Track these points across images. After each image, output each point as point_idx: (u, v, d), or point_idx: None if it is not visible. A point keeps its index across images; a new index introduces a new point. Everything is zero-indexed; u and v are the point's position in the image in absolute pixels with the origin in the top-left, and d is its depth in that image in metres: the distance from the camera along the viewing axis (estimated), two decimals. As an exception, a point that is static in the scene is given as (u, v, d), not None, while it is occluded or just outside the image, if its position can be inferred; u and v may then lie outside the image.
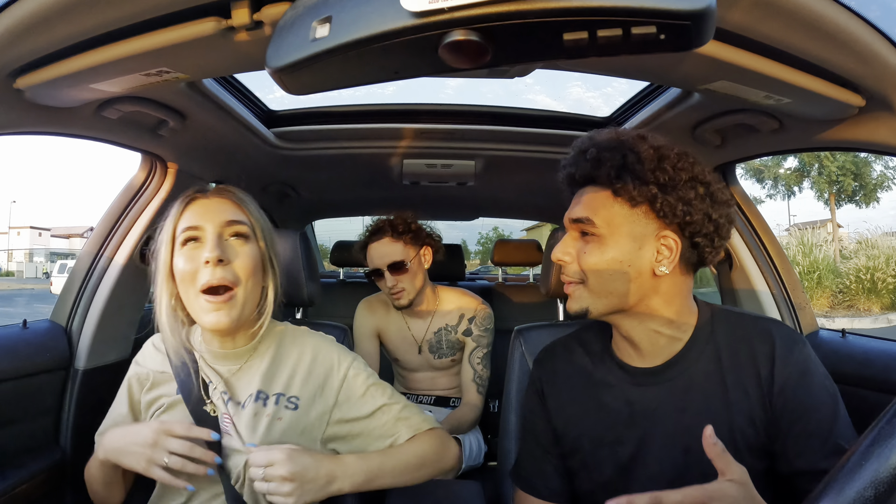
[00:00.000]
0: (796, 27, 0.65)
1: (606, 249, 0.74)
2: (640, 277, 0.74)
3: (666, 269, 0.74)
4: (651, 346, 0.79)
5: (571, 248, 0.78)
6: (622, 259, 0.74)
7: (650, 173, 0.72)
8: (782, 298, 1.35)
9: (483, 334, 1.64)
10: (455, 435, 1.53)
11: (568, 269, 0.79)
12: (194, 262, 0.80)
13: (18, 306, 14.65)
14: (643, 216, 0.74)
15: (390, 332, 1.69)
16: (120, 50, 0.72)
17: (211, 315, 0.79)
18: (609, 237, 0.74)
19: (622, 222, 0.74)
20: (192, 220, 0.83)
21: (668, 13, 0.44)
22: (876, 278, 9.22)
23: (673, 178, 0.72)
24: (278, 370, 0.89)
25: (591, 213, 0.76)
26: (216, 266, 0.79)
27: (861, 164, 13.03)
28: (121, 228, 1.28)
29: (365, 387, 0.91)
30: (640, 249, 0.74)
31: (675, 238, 0.73)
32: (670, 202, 0.71)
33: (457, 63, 0.51)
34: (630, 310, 0.77)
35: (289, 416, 0.86)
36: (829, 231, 13.38)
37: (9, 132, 0.89)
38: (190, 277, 0.80)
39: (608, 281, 0.75)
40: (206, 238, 0.81)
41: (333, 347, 0.94)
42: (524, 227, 18.07)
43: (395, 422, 0.90)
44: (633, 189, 0.72)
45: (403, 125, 1.41)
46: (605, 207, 0.75)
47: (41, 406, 1.16)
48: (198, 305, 0.80)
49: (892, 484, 0.34)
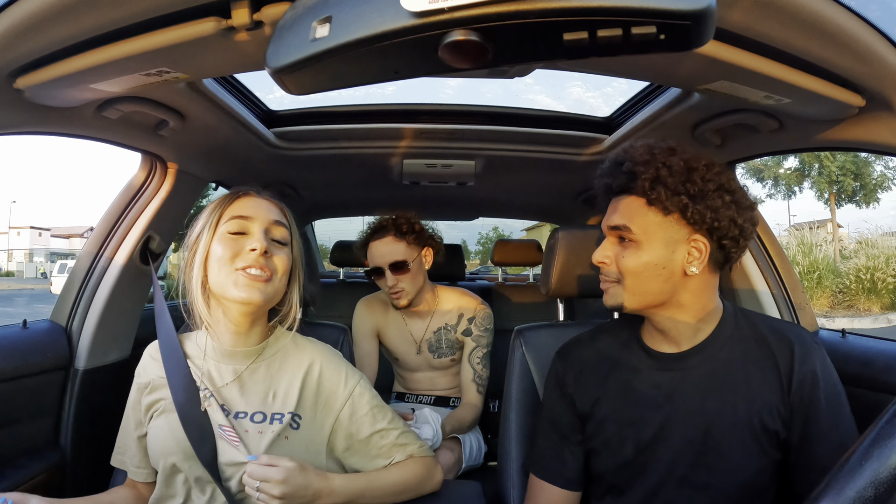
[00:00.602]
0: (796, 27, 0.65)
1: (642, 253, 0.82)
2: (673, 277, 0.82)
3: (696, 269, 0.81)
4: (679, 334, 0.86)
5: (610, 251, 0.86)
6: (657, 262, 0.81)
7: (681, 185, 0.79)
8: (782, 298, 1.35)
9: (483, 334, 1.63)
10: (455, 434, 1.53)
11: (607, 270, 0.87)
12: (236, 249, 0.83)
13: (18, 306, 14.65)
14: (675, 223, 0.81)
15: (389, 331, 1.69)
16: (120, 50, 0.72)
17: (245, 287, 0.81)
18: (645, 242, 0.82)
19: (656, 229, 0.81)
20: (240, 210, 0.86)
21: (668, 13, 0.44)
22: (876, 278, 9.22)
23: (702, 188, 0.79)
24: (283, 383, 0.89)
25: (628, 220, 0.83)
26: (261, 255, 0.82)
27: (861, 164, 13.03)
28: (121, 228, 1.28)
29: (368, 407, 0.91)
30: (673, 253, 0.81)
31: (705, 241, 0.81)
32: (700, 210, 0.78)
33: (457, 63, 0.51)
34: (662, 305, 0.84)
35: (294, 435, 0.86)
36: (829, 231, 13.38)
37: (9, 132, 0.89)
38: (228, 259, 0.82)
39: (644, 281, 0.82)
40: (253, 231, 0.84)
41: (342, 364, 0.94)
42: (524, 227, 18.08)
43: (391, 447, 0.91)
44: (665, 199, 0.79)
45: (403, 125, 1.41)
46: (641, 216, 0.82)
47: (41, 406, 1.16)
48: (232, 280, 0.82)
49: (892, 484, 0.34)
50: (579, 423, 0.93)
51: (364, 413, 0.90)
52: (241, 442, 0.83)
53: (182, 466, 0.84)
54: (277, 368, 0.89)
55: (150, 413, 0.89)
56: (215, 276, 0.83)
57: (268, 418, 0.85)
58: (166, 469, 0.85)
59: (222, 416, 0.85)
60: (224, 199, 0.88)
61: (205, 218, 0.87)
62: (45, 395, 1.16)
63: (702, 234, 0.80)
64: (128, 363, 1.32)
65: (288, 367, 0.90)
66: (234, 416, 0.85)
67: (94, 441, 1.20)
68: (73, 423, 1.19)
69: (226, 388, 0.87)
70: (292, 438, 0.86)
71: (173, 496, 0.85)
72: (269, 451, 0.83)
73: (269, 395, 0.87)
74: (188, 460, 0.83)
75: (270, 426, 0.85)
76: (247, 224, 0.85)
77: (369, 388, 0.93)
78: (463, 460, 1.49)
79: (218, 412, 0.85)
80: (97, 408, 1.24)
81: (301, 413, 0.88)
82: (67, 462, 1.16)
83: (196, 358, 0.89)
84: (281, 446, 0.84)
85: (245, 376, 0.88)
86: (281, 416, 0.86)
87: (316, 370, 0.90)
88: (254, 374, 0.88)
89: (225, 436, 0.83)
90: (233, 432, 0.83)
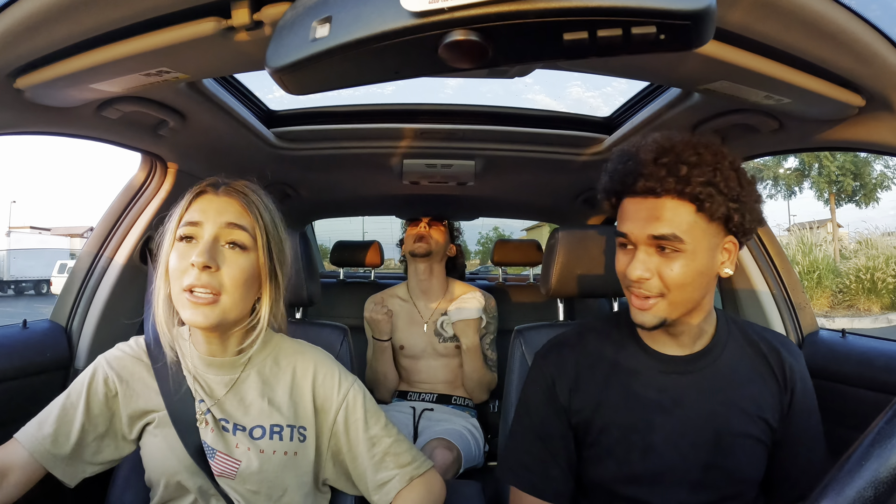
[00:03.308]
0: (796, 27, 0.65)
1: (691, 264, 0.75)
2: (712, 281, 0.80)
3: (731, 270, 0.79)
4: (688, 336, 0.83)
5: (652, 264, 0.77)
6: (704, 271, 0.76)
7: (734, 191, 0.74)
8: (782, 298, 1.35)
9: (491, 321, 1.79)
10: (455, 435, 1.54)
11: (647, 284, 0.77)
12: (184, 261, 0.76)
13: (18, 306, 14.64)
14: (717, 228, 0.76)
15: (398, 315, 1.79)
16: (120, 50, 0.72)
17: (188, 311, 0.76)
18: (692, 252, 0.75)
19: (703, 236, 0.75)
20: (193, 215, 0.79)
21: (668, 13, 0.44)
22: (876, 278, 9.22)
23: (747, 193, 0.76)
24: (278, 391, 0.86)
25: (678, 229, 0.74)
26: (202, 271, 0.75)
27: (861, 163, 13.03)
28: (121, 228, 1.28)
29: (362, 411, 0.88)
30: (714, 258, 0.77)
31: (734, 241, 0.78)
32: (743, 215, 0.75)
33: (457, 63, 0.51)
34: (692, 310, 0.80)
35: (302, 448, 0.85)
36: (829, 231, 13.38)
37: (9, 132, 0.89)
38: (178, 275, 0.76)
39: (691, 292, 0.77)
40: (201, 237, 0.77)
41: (334, 367, 0.90)
42: (524, 227, 18.06)
43: (384, 456, 0.87)
44: (718, 206, 0.73)
45: (403, 125, 1.41)
46: (690, 223, 0.75)
47: (41, 406, 1.15)
48: (180, 301, 0.76)
49: (892, 484, 0.34)
50: (571, 435, 0.87)
51: (357, 417, 0.88)
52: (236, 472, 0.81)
53: (188, 484, 0.82)
54: (269, 376, 0.86)
55: (138, 425, 0.84)
56: (172, 290, 0.78)
57: (267, 433, 0.83)
58: (170, 485, 0.82)
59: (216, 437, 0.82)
60: (185, 198, 0.81)
61: (170, 223, 0.80)
62: (45, 395, 1.15)
63: (732, 234, 0.78)
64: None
65: (280, 375, 0.87)
66: (233, 432, 0.83)
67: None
68: (73, 423, 1.18)
69: (222, 401, 0.84)
70: (301, 453, 0.84)
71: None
72: (282, 473, 0.82)
73: (265, 405, 0.84)
74: (194, 476, 0.81)
75: (271, 441, 0.83)
76: (195, 230, 0.77)
77: (363, 392, 0.91)
78: (462, 460, 1.50)
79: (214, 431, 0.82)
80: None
81: (305, 424, 0.86)
82: (67, 462, 1.16)
83: (186, 363, 0.85)
84: (293, 465, 0.83)
85: (238, 386, 0.85)
86: (280, 427, 0.84)
87: (309, 376, 0.88)
88: (246, 383, 0.85)
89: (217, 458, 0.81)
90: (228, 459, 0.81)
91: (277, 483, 0.82)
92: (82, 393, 0.83)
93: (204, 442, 0.81)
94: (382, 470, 0.87)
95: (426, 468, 0.90)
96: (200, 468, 0.80)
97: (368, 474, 0.87)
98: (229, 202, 0.80)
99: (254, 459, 0.81)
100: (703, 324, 0.83)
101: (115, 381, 0.84)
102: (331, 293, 2.25)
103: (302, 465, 0.85)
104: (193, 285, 0.75)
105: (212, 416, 0.83)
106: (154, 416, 0.84)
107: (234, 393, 0.85)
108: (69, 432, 0.81)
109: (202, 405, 0.83)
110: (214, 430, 0.82)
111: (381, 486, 0.87)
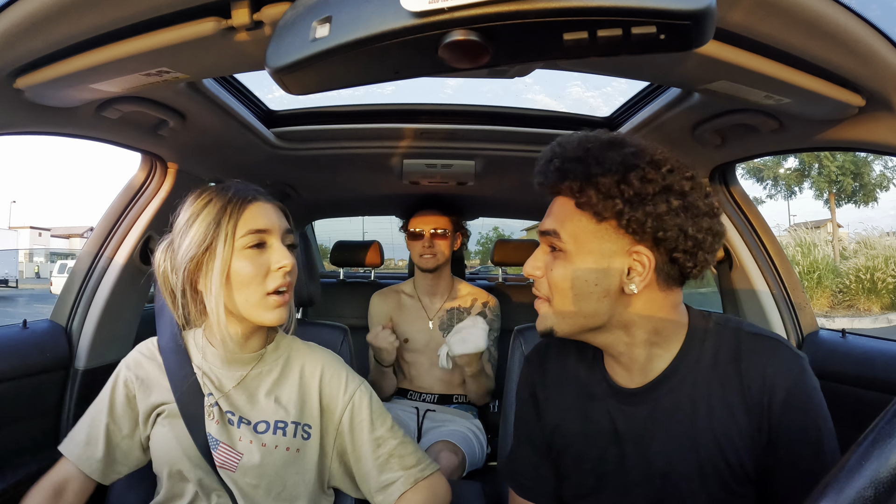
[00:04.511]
0: (796, 27, 0.65)
1: (571, 266, 0.69)
2: (609, 296, 0.69)
3: (636, 287, 0.68)
4: (630, 360, 0.74)
5: (541, 261, 0.73)
6: (587, 278, 0.69)
7: (615, 187, 0.66)
8: (782, 298, 1.35)
9: (494, 319, 1.83)
10: (460, 437, 1.55)
11: (538, 283, 0.74)
12: (261, 267, 0.80)
13: (18, 306, 14.65)
14: (612, 231, 0.68)
15: (403, 312, 1.83)
16: (120, 50, 0.72)
17: (274, 313, 0.81)
18: (575, 253, 0.69)
19: (589, 238, 0.69)
20: (257, 222, 0.81)
21: (668, 13, 0.44)
22: (876, 278, 9.22)
23: (640, 191, 0.65)
24: (286, 389, 0.88)
25: (559, 225, 0.71)
26: (288, 274, 0.81)
27: (861, 163, 13.02)
28: (121, 228, 1.28)
29: (368, 412, 0.89)
30: (608, 267, 0.68)
31: (649, 254, 0.67)
32: (638, 218, 0.65)
33: (457, 63, 0.51)
34: (600, 328, 0.72)
35: (305, 446, 0.86)
36: (830, 231, 13.38)
37: (9, 132, 0.89)
38: (258, 280, 0.80)
39: (573, 300, 0.70)
40: (272, 244, 0.82)
41: (342, 369, 0.92)
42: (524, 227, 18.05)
43: (389, 457, 0.88)
44: (596, 203, 0.67)
45: (403, 125, 1.41)
46: (572, 221, 0.70)
47: (41, 406, 1.16)
48: (262, 304, 0.81)
49: (892, 484, 0.34)
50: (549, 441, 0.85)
51: (363, 418, 0.89)
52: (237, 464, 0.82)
53: (189, 475, 0.83)
54: (280, 374, 0.89)
55: (151, 417, 0.87)
56: (243, 298, 0.80)
57: (271, 427, 0.84)
58: (173, 475, 0.84)
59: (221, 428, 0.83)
60: (233, 206, 0.81)
61: (213, 226, 0.80)
62: (45, 395, 1.16)
63: (645, 244, 0.67)
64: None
65: (290, 374, 0.89)
66: (237, 425, 0.84)
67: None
68: (73, 423, 1.17)
69: (230, 394, 0.86)
70: (304, 451, 0.85)
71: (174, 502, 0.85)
72: (283, 468, 0.83)
73: (272, 402, 0.86)
74: (196, 468, 0.82)
75: (274, 436, 0.83)
76: (265, 237, 0.82)
77: (369, 394, 0.92)
78: (467, 463, 1.50)
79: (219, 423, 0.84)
80: (97, 408, 1.23)
81: (310, 423, 0.87)
82: (67, 462, 1.16)
83: (196, 360, 0.88)
84: (295, 461, 0.84)
85: (248, 382, 0.87)
86: (284, 424, 0.85)
87: (317, 375, 0.90)
88: (256, 380, 0.87)
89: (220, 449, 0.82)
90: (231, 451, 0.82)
91: (277, 478, 0.83)
92: (106, 397, 0.88)
93: (209, 433, 0.83)
94: (387, 471, 0.88)
95: (431, 471, 0.91)
96: (203, 458, 0.81)
97: (373, 475, 0.88)
98: (274, 208, 0.86)
99: (255, 452, 0.82)
100: (651, 348, 0.73)
101: (133, 382, 0.88)
102: (331, 293, 2.25)
103: (304, 463, 0.86)
104: (281, 286, 0.81)
105: (218, 408, 0.84)
106: (165, 407, 0.86)
107: (242, 388, 0.87)
108: (98, 436, 0.87)
109: (210, 398, 0.85)
110: (220, 422, 0.84)
111: (386, 487, 0.87)
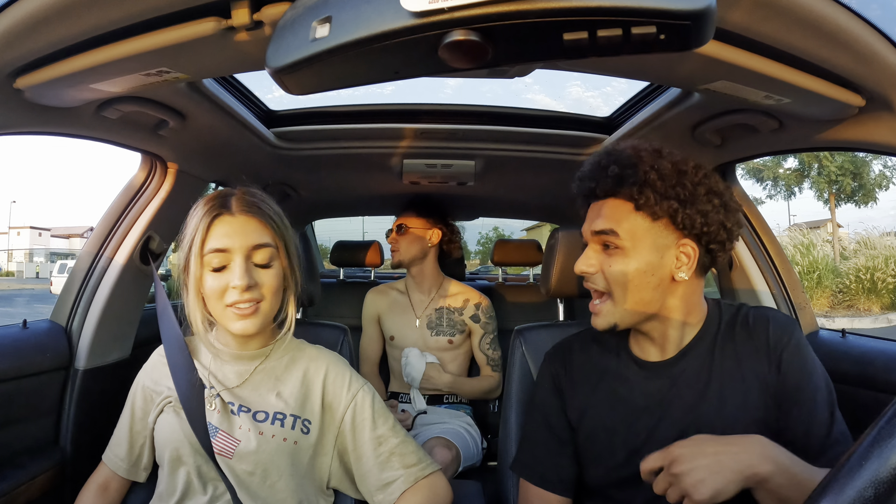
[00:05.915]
0: (796, 27, 0.65)
1: (630, 260, 0.78)
2: (662, 284, 0.79)
3: (685, 275, 0.79)
4: (666, 340, 0.84)
5: (594, 259, 0.81)
6: (646, 269, 0.78)
7: (671, 189, 0.76)
8: (782, 298, 1.35)
9: (489, 321, 1.82)
10: (454, 434, 1.54)
11: (593, 279, 0.82)
12: (222, 283, 0.82)
13: (18, 306, 14.65)
14: (664, 228, 0.78)
15: (391, 310, 1.85)
16: (120, 50, 0.72)
17: (238, 324, 0.83)
18: (632, 249, 0.78)
19: (644, 234, 0.78)
20: (218, 242, 0.83)
21: (668, 13, 0.44)
22: (876, 278, 9.22)
23: (692, 192, 0.77)
24: (288, 385, 0.89)
25: (615, 224, 0.79)
26: (244, 292, 0.82)
27: (860, 163, 13.01)
28: (121, 228, 1.28)
29: (370, 412, 0.91)
30: (662, 258, 0.78)
31: (693, 246, 0.78)
32: (690, 215, 0.76)
33: (457, 63, 0.51)
34: (654, 315, 0.81)
35: (303, 440, 0.87)
36: (830, 231, 13.38)
37: (9, 132, 0.89)
38: (218, 295, 0.83)
39: (634, 291, 0.79)
40: (232, 266, 0.82)
41: (346, 370, 0.94)
42: (524, 227, 18.06)
43: (390, 455, 0.89)
44: (654, 204, 0.76)
45: (403, 125, 1.41)
46: (628, 220, 0.78)
47: (41, 406, 1.16)
48: (225, 316, 0.84)
49: (892, 484, 0.34)
50: (572, 431, 0.91)
51: (365, 417, 0.90)
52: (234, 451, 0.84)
53: (186, 460, 0.85)
54: (283, 371, 0.91)
55: (158, 408, 0.90)
56: (212, 308, 0.85)
57: (270, 417, 0.86)
58: (172, 460, 0.86)
59: (222, 417, 0.85)
60: (203, 220, 0.84)
61: (188, 241, 0.85)
62: (45, 395, 1.16)
63: (690, 238, 0.78)
64: (128, 363, 1.32)
65: (294, 371, 0.91)
66: (238, 413, 0.86)
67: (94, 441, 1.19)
68: (74, 423, 1.19)
69: (232, 388, 0.88)
70: (301, 444, 0.87)
71: (173, 492, 0.86)
72: (278, 458, 0.84)
73: (273, 396, 0.88)
74: (194, 454, 0.84)
75: (272, 426, 0.85)
76: (226, 257, 0.83)
77: (372, 394, 0.93)
78: (461, 459, 1.50)
79: (220, 412, 0.86)
80: (97, 408, 1.23)
81: (311, 418, 0.88)
82: (67, 462, 1.16)
83: (202, 356, 0.91)
84: (291, 453, 0.85)
85: (252, 377, 0.89)
86: (283, 416, 0.86)
87: (321, 374, 0.91)
88: (260, 374, 0.90)
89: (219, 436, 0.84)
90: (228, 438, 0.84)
91: (272, 466, 0.84)
92: (129, 402, 0.95)
93: (209, 422, 0.85)
94: (388, 469, 0.89)
95: (432, 470, 0.92)
96: (202, 445, 0.83)
97: (373, 474, 0.89)
98: (247, 221, 0.85)
99: (252, 440, 0.84)
100: (684, 327, 0.83)
101: (148, 385, 0.93)
102: (331, 293, 2.25)
103: (300, 457, 0.87)
104: (237, 301, 0.82)
105: (220, 399, 0.87)
106: (170, 398, 0.89)
107: (246, 383, 0.89)
108: (122, 438, 0.94)
109: (212, 390, 0.87)
110: (221, 411, 0.86)
111: (386, 485, 0.88)
